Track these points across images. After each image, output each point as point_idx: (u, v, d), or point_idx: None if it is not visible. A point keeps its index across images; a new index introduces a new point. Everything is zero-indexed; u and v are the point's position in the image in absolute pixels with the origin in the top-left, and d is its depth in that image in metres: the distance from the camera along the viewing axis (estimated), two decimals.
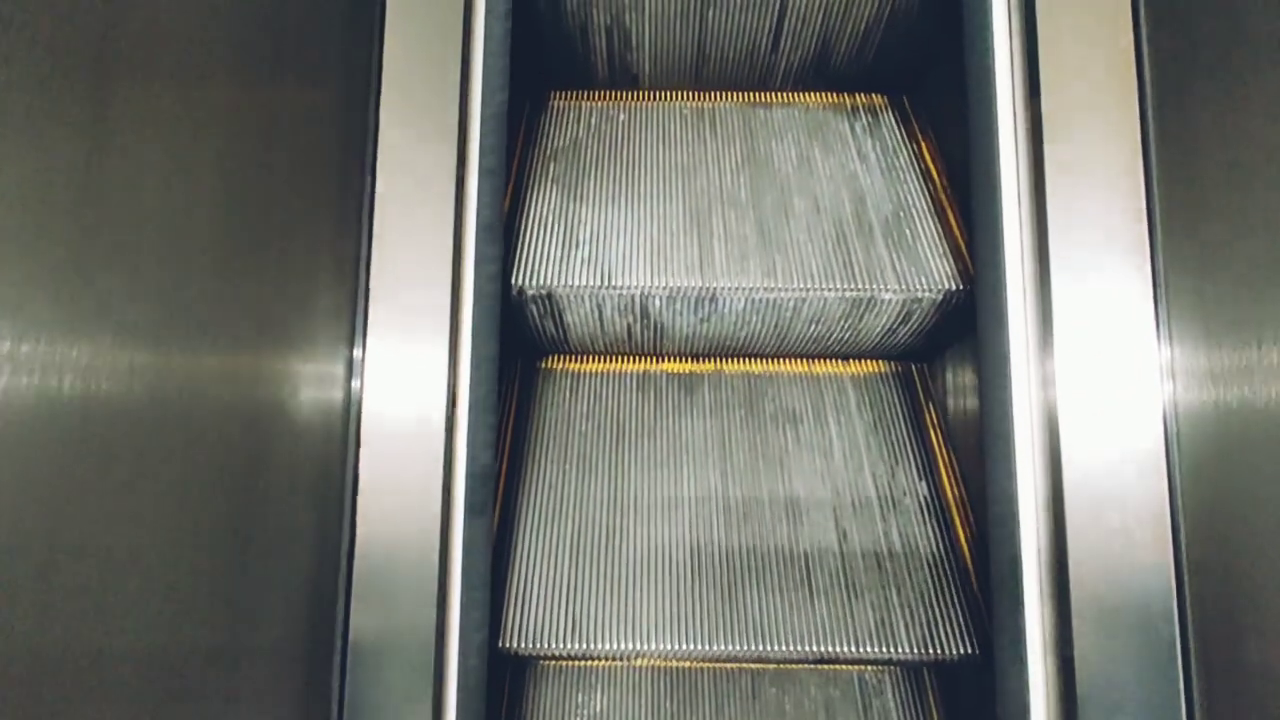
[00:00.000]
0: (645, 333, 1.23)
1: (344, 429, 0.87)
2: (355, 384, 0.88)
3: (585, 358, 1.32)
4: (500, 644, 1.01)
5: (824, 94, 1.36)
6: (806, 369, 1.31)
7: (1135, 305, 0.87)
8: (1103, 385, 0.86)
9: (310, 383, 0.81)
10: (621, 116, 1.33)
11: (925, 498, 1.17)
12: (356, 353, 0.89)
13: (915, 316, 1.15)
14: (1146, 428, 0.85)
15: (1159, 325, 0.87)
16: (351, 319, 0.89)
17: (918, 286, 1.09)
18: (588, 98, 1.36)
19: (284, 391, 0.76)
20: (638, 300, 1.12)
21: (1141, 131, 0.90)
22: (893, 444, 1.23)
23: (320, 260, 0.84)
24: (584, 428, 1.24)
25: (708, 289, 1.09)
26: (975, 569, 1.08)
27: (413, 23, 0.97)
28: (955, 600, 1.06)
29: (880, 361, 1.32)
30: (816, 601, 1.06)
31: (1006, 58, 0.99)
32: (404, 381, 0.89)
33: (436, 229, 0.92)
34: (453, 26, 0.98)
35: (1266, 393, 0.73)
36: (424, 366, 0.89)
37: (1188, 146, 0.85)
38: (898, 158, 1.26)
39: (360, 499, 0.86)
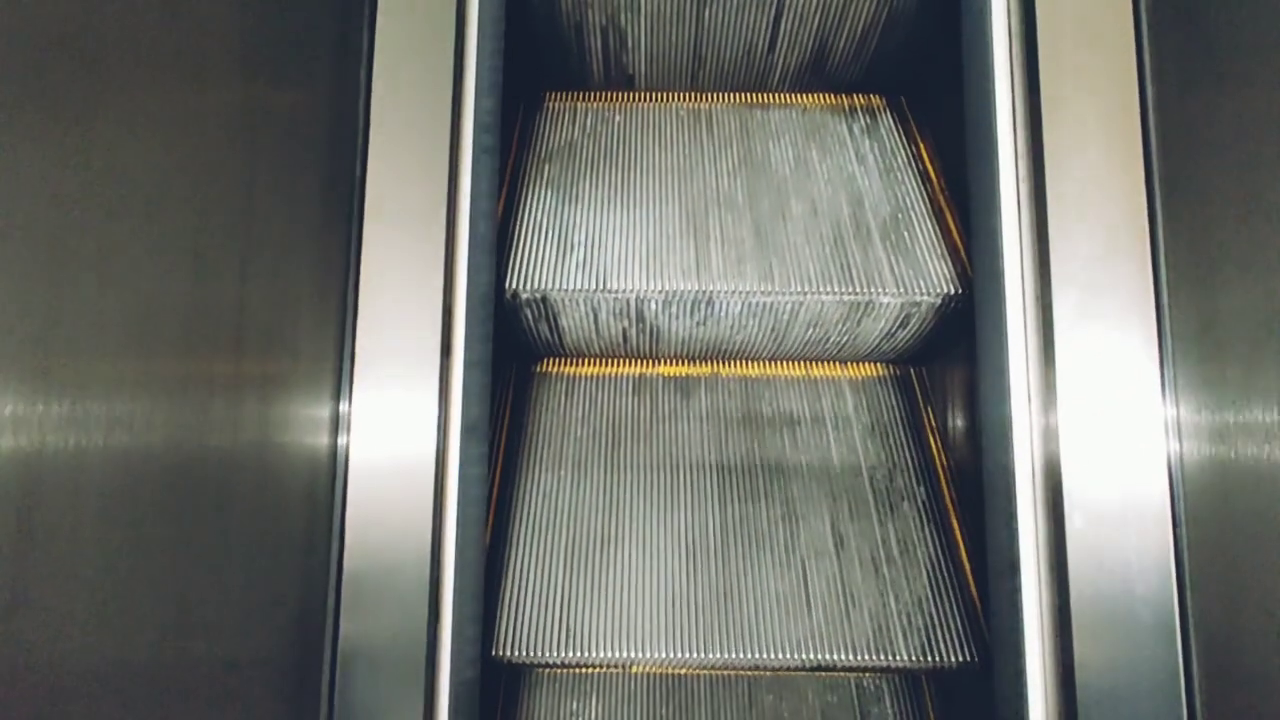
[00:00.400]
0: (641, 336, 1.22)
1: (334, 431, 0.86)
2: (343, 410, 0.87)
3: (581, 361, 1.31)
4: (493, 652, 1.00)
5: (821, 95, 1.35)
6: (804, 372, 1.30)
7: (1137, 308, 0.86)
8: (1104, 389, 0.85)
9: (298, 395, 0.79)
10: (617, 118, 1.32)
11: (924, 503, 1.16)
12: (345, 367, 0.88)
13: (914, 320, 1.13)
14: (1148, 434, 0.84)
15: (1161, 328, 0.86)
16: (341, 330, 0.87)
17: (916, 290, 1.08)
18: (583, 99, 1.35)
19: (270, 407, 0.75)
20: (633, 304, 1.11)
21: (1143, 132, 0.89)
22: (891, 448, 1.22)
23: (307, 271, 0.83)
24: (579, 432, 1.23)
25: (704, 293, 1.08)
26: (974, 574, 1.07)
27: (404, 22, 0.95)
28: (953, 607, 1.05)
29: (878, 365, 1.31)
30: (813, 609, 1.05)
31: (1005, 58, 0.98)
32: (395, 400, 0.88)
33: (428, 238, 0.91)
34: (445, 26, 0.96)
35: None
36: (416, 380, 0.88)
37: (1189, 145, 0.84)
38: (895, 159, 1.25)
39: (350, 508, 0.85)
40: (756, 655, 1.00)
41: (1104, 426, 0.85)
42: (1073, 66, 0.91)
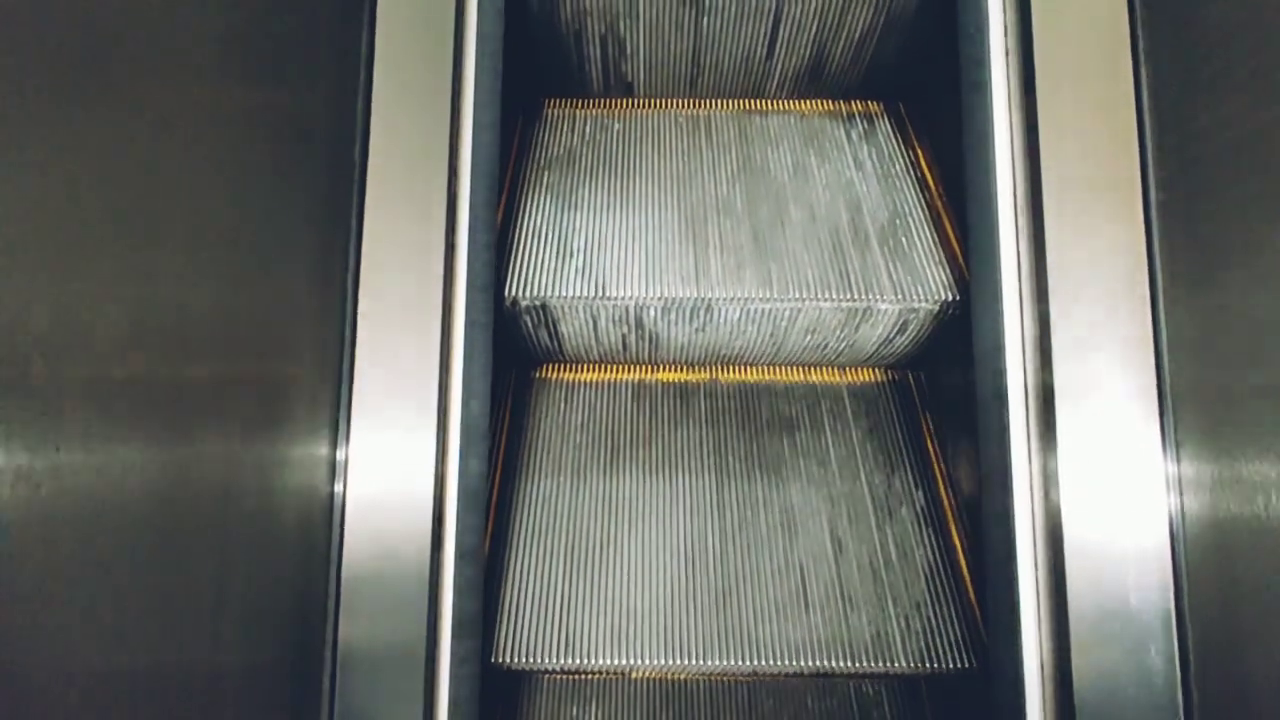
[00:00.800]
0: (640, 343, 1.22)
1: (334, 441, 0.86)
2: (342, 419, 0.87)
3: (580, 367, 1.31)
4: (493, 659, 1.00)
5: (819, 101, 1.35)
6: (803, 377, 1.31)
7: (1134, 310, 0.86)
8: (1101, 393, 0.85)
9: (296, 401, 0.80)
10: (616, 125, 1.33)
11: (922, 507, 1.16)
12: (345, 377, 0.88)
13: (912, 326, 1.14)
14: (1145, 435, 0.84)
15: (1157, 335, 0.86)
16: (340, 343, 0.88)
17: (914, 296, 1.08)
18: (582, 106, 1.36)
19: (269, 415, 0.75)
20: (632, 311, 1.11)
21: (1139, 138, 0.90)
22: (889, 453, 1.22)
23: (306, 277, 0.83)
24: (578, 438, 1.23)
25: (703, 299, 1.09)
26: (972, 580, 1.08)
27: (403, 31, 0.96)
28: (952, 612, 1.05)
29: (877, 369, 1.31)
30: (812, 615, 1.05)
31: (1002, 64, 0.98)
32: (395, 408, 0.88)
33: (427, 248, 0.91)
34: (444, 35, 0.97)
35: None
36: (416, 388, 0.89)
37: (1185, 149, 0.85)
38: (893, 165, 1.25)
39: (350, 519, 0.86)
40: (755, 661, 1.01)
41: (1103, 435, 0.85)
42: (1070, 72, 0.92)
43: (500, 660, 1.01)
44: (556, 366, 1.31)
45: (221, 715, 0.66)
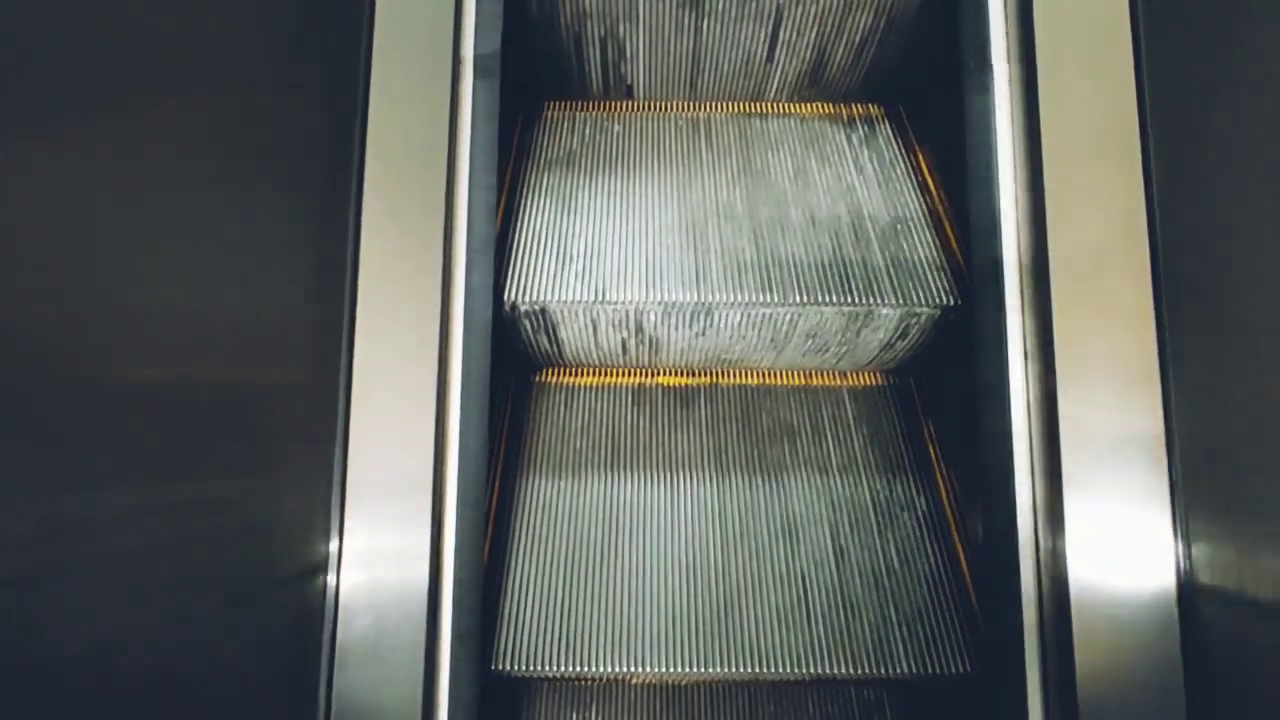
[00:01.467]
0: (640, 347, 1.21)
1: (331, 448, 0.86)
2: (340, 426, 0.87)
3: (580, 371, 1.31)
4: (493, 666, 1.00)
5: (820, 105, 1.35)
6: (803, 382, 1.30)
7: (1139, 315, 0.86)
8: (1106, 399, 0.85)
9: (293, 404, 0.79)
10: (616, 127, 1.32)
11: (923, 513, 1.15)
12: (343, 385, 0.87)
13: (913, 331, 1.13)
14: (1149, 439, 0.84)
15: (1162, 338, 0.86)
16: (337, 354, 0.87)
17: (915, 301, 1.07)
18: (582, 108, 1.35)
19: (266, 418, 0.75)
20: (632, 315, 1.11)
21: (1142, 139, 0.90)
22: (890, 458, 1.21)
23: (302, 282, 0.83)
24: (578, 443, 1.22)
25: (703, 304, 1.08)
26: (973, 585, 1.07)
27: (401, 33, 0.95)
28: (953, 617, 1.05)
29: (878, 375, 1.31)
30: (814, 621, 1.04)
31: (1004, 67, 0.98)
32: (392, 412, 0.88)
33: (427, 254, 0.91)
34: (443, 37, 0.96)
35: None
36: (414, 389, 0.88)
37: (1189, 149, 0.85)
38: (894, 169, 1.25)
39: (349, 524, 0.85)
40: (756, 668, 1.00)
41: (1106, 437, 0.84)
42: (1072, 74, 0.91)
43: (500, 668, 1.00)
44: (556, 371, 1.30)
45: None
